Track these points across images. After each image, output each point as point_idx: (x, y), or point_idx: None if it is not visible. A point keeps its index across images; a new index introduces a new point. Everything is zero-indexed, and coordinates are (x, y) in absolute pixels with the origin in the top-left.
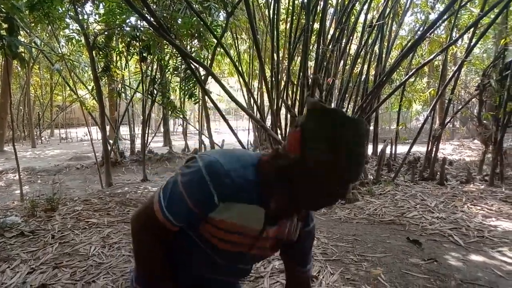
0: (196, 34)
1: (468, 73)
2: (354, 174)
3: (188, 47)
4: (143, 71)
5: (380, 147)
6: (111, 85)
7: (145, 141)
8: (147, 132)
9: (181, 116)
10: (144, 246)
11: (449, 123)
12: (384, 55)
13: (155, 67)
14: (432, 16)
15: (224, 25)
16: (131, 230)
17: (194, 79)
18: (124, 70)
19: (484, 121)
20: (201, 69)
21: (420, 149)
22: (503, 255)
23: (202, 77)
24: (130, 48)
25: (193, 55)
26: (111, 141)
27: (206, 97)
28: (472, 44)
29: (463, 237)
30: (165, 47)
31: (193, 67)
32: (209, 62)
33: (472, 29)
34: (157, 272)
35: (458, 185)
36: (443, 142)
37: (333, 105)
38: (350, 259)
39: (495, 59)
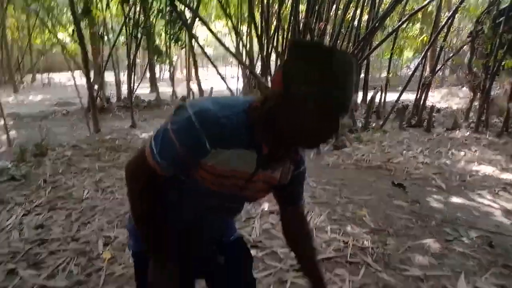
0: None
1: (461, 20)
2: (340, 105)
3: None
4: (126, 13)
5: (370, 94)
6: (92, 28)
7: (131, 87)
8: (132, 78)
9: (167, 62)
10: (135, 193)
11: (439, 71)
12: (377, 0)
13: (138, 9)
14: None
15: None
16: (125, 177)
17: (180, 22)
18: (105, 12)
19: (474, 69)
20: (187, 11)
21: (409, 96)
22: (482, 197)
23: (188, 21)
24: None
25: None
26: (96, 87)
27: (194, 42)
28: None
29: (446, 181)
30: None
31: (178, 9)
32: (195, 4)
33: None
34: (145, 220)
35: (444, 132)
36: (432, 89)
37: None
38: (337, 202)
39: (490, 5)
